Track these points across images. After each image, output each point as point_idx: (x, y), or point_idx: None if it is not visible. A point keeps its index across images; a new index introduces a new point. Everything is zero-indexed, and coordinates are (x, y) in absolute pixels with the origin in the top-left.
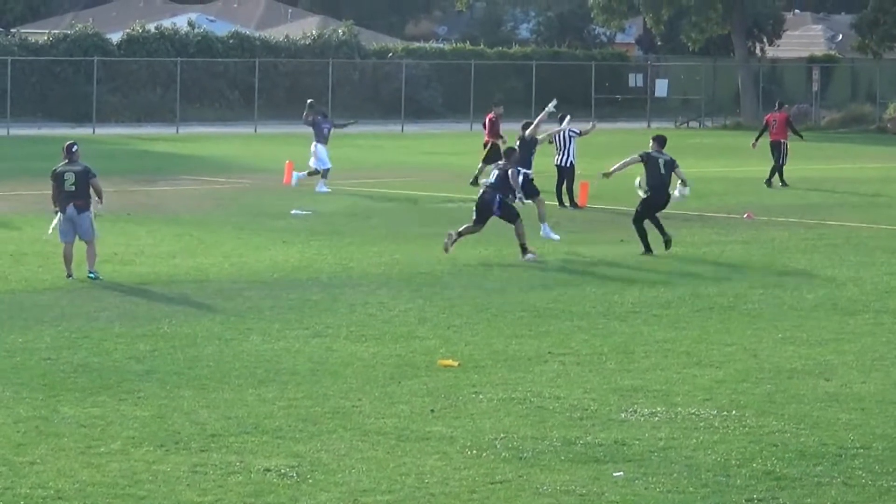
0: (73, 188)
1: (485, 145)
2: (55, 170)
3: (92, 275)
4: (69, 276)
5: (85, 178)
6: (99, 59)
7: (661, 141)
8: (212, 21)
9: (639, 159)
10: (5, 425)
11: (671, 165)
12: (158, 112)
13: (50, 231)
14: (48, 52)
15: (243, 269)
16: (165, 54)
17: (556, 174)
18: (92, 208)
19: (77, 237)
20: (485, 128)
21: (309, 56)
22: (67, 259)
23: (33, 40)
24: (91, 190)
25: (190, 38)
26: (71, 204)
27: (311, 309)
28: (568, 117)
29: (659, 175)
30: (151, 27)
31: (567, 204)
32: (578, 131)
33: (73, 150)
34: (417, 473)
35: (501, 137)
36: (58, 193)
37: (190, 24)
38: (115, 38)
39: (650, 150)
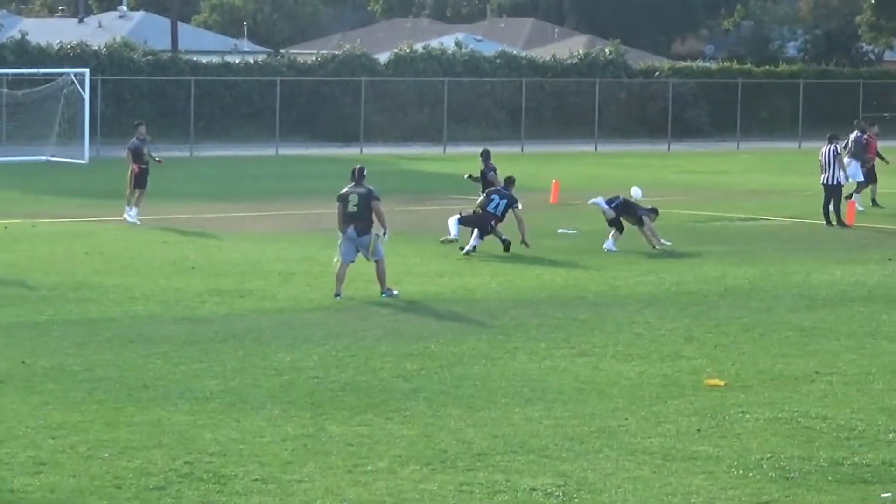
0: (356, 209)
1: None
2: (341, 192)
3: (385, 294)
4: (337, 295)
5: (367, 200)
6: (366, 79)
7: None
8: (479, 41)
9: None
10: (274, 443)
11: None
12: (425, 131)
13: (335, 259)
14: (316, 72)
15: (510, 288)
16: (433, 74)
17: (822, 193)
18: (373, 232)
19: (359, 257)
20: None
21: (575, 75)
22: (339, 278)
23: (301, 61)
24: (373, 214)
25: (457, 58)
26: (352, 226)
27: (577, 328)
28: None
29: None
30: (419, 47)
31: (834, 223)
32: (839, 151)
33: (363, 173)
34: (684, 493)
35: (883, 158)
36: (342, 215)
37: (457, 43)
38: (383, 58)
39: None
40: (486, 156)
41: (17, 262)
